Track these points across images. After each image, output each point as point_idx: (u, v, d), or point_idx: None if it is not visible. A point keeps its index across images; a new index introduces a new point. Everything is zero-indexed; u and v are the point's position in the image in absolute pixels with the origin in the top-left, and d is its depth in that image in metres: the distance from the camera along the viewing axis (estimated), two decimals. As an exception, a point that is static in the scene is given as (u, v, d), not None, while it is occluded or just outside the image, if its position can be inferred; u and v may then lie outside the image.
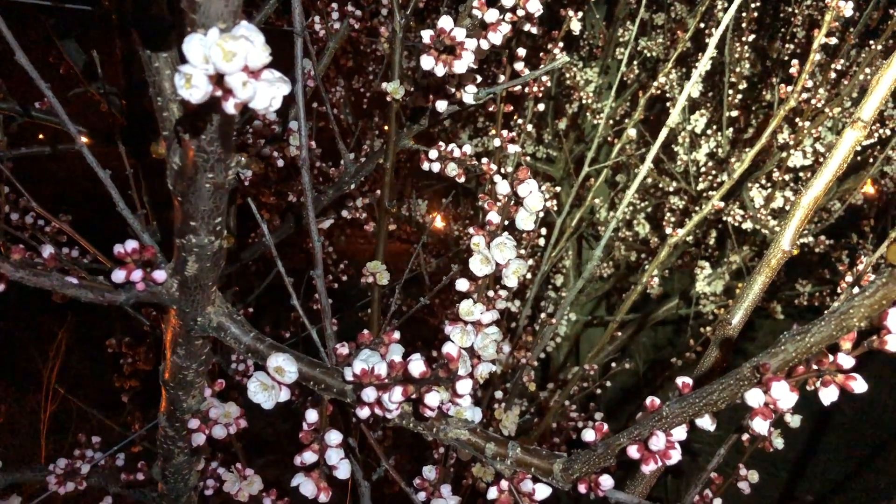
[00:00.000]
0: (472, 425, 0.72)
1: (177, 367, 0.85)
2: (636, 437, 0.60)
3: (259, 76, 0.49)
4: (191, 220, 0.65)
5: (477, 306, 0.83)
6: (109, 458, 1.32)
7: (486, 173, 1.14)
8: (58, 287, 0.67)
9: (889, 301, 0.46)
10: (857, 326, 0.47)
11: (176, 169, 0.62)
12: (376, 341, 0.81)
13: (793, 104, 1.66)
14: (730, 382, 0.54)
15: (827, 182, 0.86)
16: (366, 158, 1.19)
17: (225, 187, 0.63)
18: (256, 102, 0.49)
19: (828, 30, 1.62)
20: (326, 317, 1.00)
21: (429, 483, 0.91)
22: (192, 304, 0.75)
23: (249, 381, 0.74)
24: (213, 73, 0.47)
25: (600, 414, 2.44)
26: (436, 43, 0.81)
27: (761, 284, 0.90)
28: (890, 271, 0.45)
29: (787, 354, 0.51)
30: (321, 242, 0.93)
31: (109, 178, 0.81)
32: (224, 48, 0.47)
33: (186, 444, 1.00)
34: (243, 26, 0.48)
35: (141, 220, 0.85)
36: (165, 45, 0.60)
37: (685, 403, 0.57)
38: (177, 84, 0.48)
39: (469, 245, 0.83)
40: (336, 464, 0.75)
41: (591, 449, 0.64)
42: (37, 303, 5.19)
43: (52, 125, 1.38)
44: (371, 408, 0.71)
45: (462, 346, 0.81)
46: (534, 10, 0.83)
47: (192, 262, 0.69)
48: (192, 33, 0.47)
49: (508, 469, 0.70)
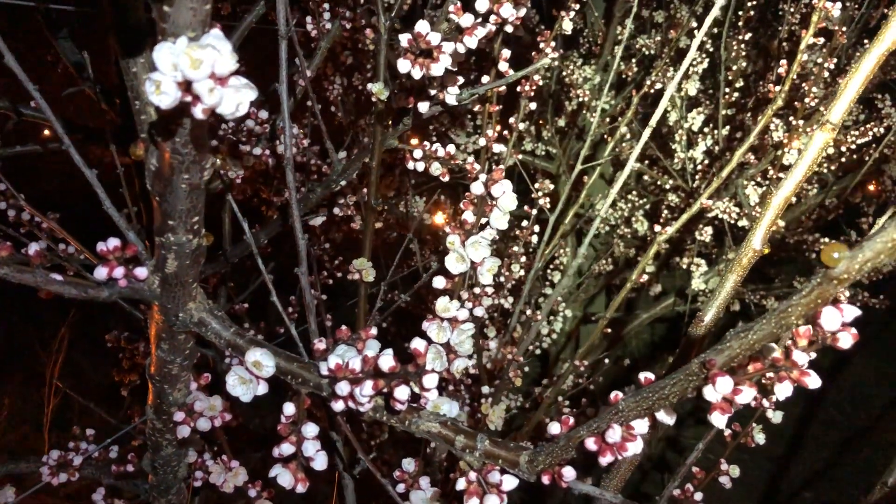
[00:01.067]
0: (443, 418, 0.75)
1: (162, 362, 0.88)
2: (594, 430, 0.62)
3: (226, 83, 0.51)
4: (169, 220, 0.67)
5: (453, 303, 0.85)
6: (103, 450, 1.35)
7: (471, 172, 1.17)
8: (41, 283, 0.70)
9: (824, 300, 0.48)
10: (796, 324, 0.49)
11: (153, 170, 0.65)
12: (354, 337, 0.83)
13: (780, 104, 1.68)
14: (680, 378, 0.56)
15: (797, 182, 0.88)
16: (354, 157, 1.21)
17: (201, 187, 0.65)
18: (223, 108, 0.51)
19: (815, 30, 1.63)
20: (311, 313, 1.02)
21: (408, 475, 0.93)
22: (174, 300, 0.77)
23: (228, 375, 0.76)
24: (181, 80, 0.50)
25: (591, 410, 2.47)
26: (412, 46, 0.83)
27: (733, 283, 0.92)
28: (824, 272, 0.47)
29: (732, 351, 0.53)
30: (307, 239, 0.95)
31: (96, 178, 0.84)
32: (192, 56, 0.50)
33: (173, 436, 1.02)
34: (211, 35, 0.51)
35: (126, 218, 0.88)
36: (141, 50, 0.62)
37: (640, 398, 0.59)
38: (147, 90, 0.50)
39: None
40: (313, 455, 0.77)
41: (555, 442, 0.67)
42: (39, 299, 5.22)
43: (48, 124, 1.40)
44: (345, 401, 0.73)
45: (439, 342, 0.83)
46: (507, 16, 0.85)
47: (171, 259, 0.72)
48: (163, 42, 0.50)
49: (477, 461, 0.72)
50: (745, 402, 0.58)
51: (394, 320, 3.26)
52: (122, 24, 0.61)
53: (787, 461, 4.53)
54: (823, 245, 0.46)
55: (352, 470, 1.16)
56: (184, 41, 0.50)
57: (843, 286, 0.47)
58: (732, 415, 0.63)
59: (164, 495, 1.15)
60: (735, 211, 3.07)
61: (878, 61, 0.83)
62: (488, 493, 0.71)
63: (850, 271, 0.46)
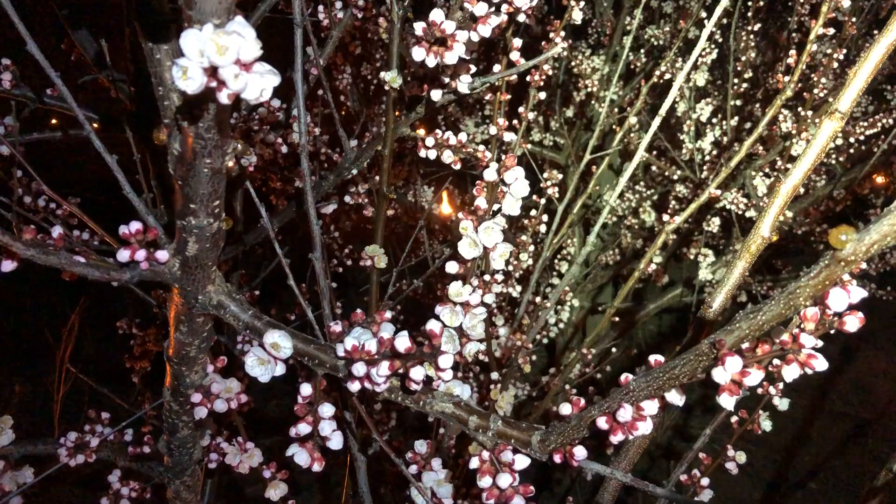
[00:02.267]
0: (456, 399, 0.76)
1: (180, 344, 0.90)
2: (606, 410, 0.64)
3: (250, 69, 0.52)
4: (191, 203, 0.69)
5: (465, 288, 0.87)
6: (118, 433, 1.38)
7: (482, 161, 1.18)
8: (66, 265, 0.72)
9: (832, 282, 0.49)
10: (804, 305, 0.51)
11: (176, 154, 0.66)
12: (368, 320, 0.85)
13: (789, 94, 1.68)
14: (690, 358, 0.57)
15: (805, 171, 0.89)
16: (366, 145, 1.23)
17: (222, 172, 0.67)
18: (248, 93, 0.52)
19: (825, 20, 1.64)
20: (325, 298, 1.04)
21: (420, 457, 0.95)
22: (193, 283, 0.79)
23: (247, 356, 0.78)
24: (207, 66, 0.51)
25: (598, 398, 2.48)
26: (427, 35, 0.84)
27: (741, 270, 0.93)
28: (832, 254, 0.48)
29: (742, 331, 0.54)
30: (320, 226, 0.97)
31: (116, 164, 0.86)
32: (218, 43, 0.51)
33: (190, 418, 1.04)
34: (236, 22, 0.52)
35: (146, 202, 0.90)
36: (166, 38, 0.64)
37: (650, 378, 0.60)
38: (174, 76, 0.52)
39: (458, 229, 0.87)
40: (329, 435, 0.79)
41: (566, 421, 0.68)
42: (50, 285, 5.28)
43: (63, 111, 1.42)
44: (361, 382, 0.75)
45: (451, 325, 0.85)
46: (521, 5, 0.86)
47: (192, 242, 0.74)
48: (189, 28, 0.51)
49: (490, 441, 0.74)
50: (754, 384, 0.59)
51: (403, 309, 3.28)
52: (146, 12, 0.62)
53: (794, 452, 4.55)
54: (832, 229, 0.47)
55: (364, 452, 1.18)
56: (210, 28, 0.51)
57: (850, 268, 0.48)
58: (740, 401, 0.64)
59: (179, 476, 1.18)
60: (743, 202, 3.07)
61: (888, 51, 0.84)
62: (501, 471, 0.72)
63: (857, 253, 0.47)
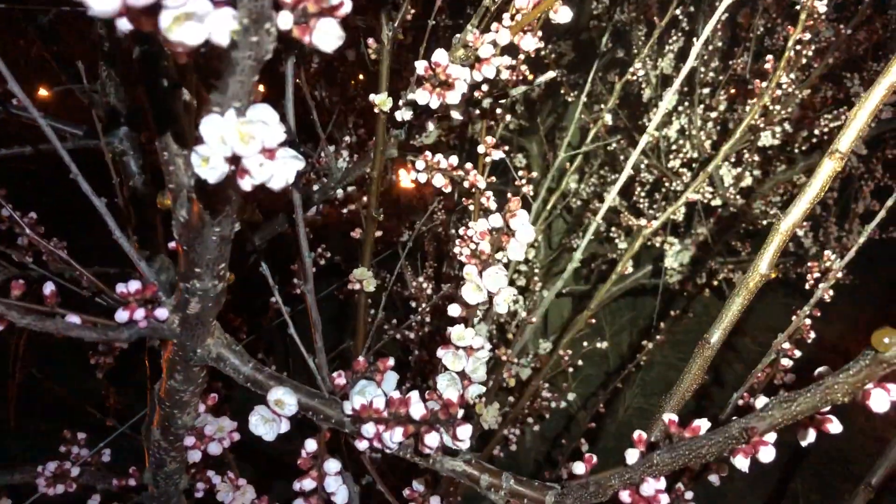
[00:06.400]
0: (467, 457, 0.75)
1: (174, 390, 0.87)
2: (628, 482, 0.63)
3: (274, 156, 0.50)
4: (195, 268, 0.66)
5: (468, 331, 0.86)
6: (96, 454, 1.34)
7: (472, 183, 1.16)
8: (63, 330, 0.68)
9: (871, 380, 0.49)
10: (841, 401, 0.51)
11: (182, 221, 0.63)
12: (371, 369, 0.83)
13: (767, 101, 1.69)
14: (719, 440, 0.57)
15: (805, 210, 0.89)
16: (352, 165, 1.20)
17: (230, 238, 0.64)
18: (273, 183, 0.50)
19: (803, 27, 1.64)
20: (317, 331, 1.02)
21: (419, 494, 0.94)
22: (193, 338, 0.76)
23: (251, 415, 0.76)
24: (229, 155, 0.48)
25: (573, 394, 2.51)
26: (430, 77, 0.82)
27: (740, 306, 0.93)
28: (873, 355, 0.48)
29: (774, 420, 0.54)
30: (312, 258, 0.95)
31: (105, 207, 0.82)
32: (241, 131, 0.48)
33: (178, 454, 1.02)
34: (259, 107, 0.49)
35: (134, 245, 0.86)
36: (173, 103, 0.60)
37: (675, 454, 0.60)
38: (193, 162, 0.49)
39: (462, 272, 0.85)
40: (335, 490, 0.78)
41: (584, 485, 0.68)
42: None
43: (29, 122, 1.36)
44: (370, 442, 0.73)
45: (454, 369, 0.84)
46: (528, 48, 0.84)
47: (194, 302, 0.71)
48: (210, 114, 0.48)
49: (502, 499, 0.73)
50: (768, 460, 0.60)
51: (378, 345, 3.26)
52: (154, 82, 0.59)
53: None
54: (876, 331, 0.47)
55: (357, 481, 1.17)
56: (232, 115, 0.49)
57: (890, 370, 0.48)
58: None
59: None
60: (709, 190, 3.10)
61: (888, 93, 0.84)
62: (514, 531, 0.72)
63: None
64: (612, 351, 4.92)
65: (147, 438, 1.47)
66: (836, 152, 0.86)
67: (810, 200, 0.89)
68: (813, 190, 0.88)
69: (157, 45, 0.57)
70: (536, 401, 2.34)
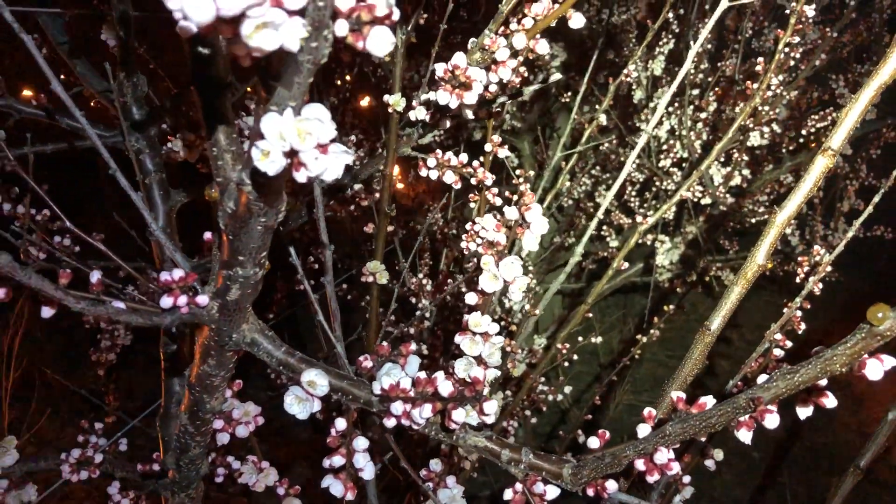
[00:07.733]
0: (489, 433, 0.81)
1: (205, 375, 0.91)
2: (642, 451, 0.69)
3: (327, 150, 0.55)
4: (239, 255, 0.71)
5: (485, 318, 0.91)
6: (113, 444, 1.38)
7: (481, 179, 1.21)
8: (112, 314, 0.73)
9: (867, 352, 0.55)
10: (839, 371, 0.56)
11: (229, 212, 0.68)
12: (395, 353, 0.88)
13: (758, 102, 1.75)
14: (727, 410, 0.62)
15: (799, 204, 0.96)
16: (367, 162, 1.25)
17: (274, 227, 0.69)
18: (327, 175, 0.55)
19: (793, 31, 1.71)
20: (336, 320, 1.07)
21: (435, 474, 0.99)
22: (230, 324, 0.81)
23: (286, 395, 0.81)
24: (288, 150, 0.53)
25: (569, 388, 2.57)
26: (450, 78, 0.87)
27: (738, 294, 0.99)
28: (869, 328, 0.54)
29: (778, 389, 0.59)
30: (332, 250, 1.00)
31: (141, 200, 0.87)
32: (299, 128, 0.53)
33: (203, 438, 1.06)
34: (313, 106, 0.54)
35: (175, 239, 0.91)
36: (223, 104, 0.65)
37: (686, 425, 0.66)
38: (253, 156, 0.54)
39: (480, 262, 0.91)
40: (363, 466, 0.83)
41: (600, 457, 0.73)
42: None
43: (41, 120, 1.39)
44: (399, 419, 0.78)
45: (471, 354, 0.89)
46: (543, 52, 0.90)
47: (235, 289, 0.76)
48: (269, 112, 0.53)
49: (521, 472, 0.78)
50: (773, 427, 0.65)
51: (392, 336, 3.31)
52: (206, 77, 0.64)
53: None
54: (871, 306, 0.53)
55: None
56: (290, 113, 0.53)
57: (885, 341, 0.54)
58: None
59: (185, 490, 1.20)
60: (699, 189, 3.17)
61: (877, 93, 0.91)
62: (532, 502, 0.77)
63: (892, 328, 0.53)
64: (603, 347, 4.98)
65: (163, 428, 1.52)
66: (829, 150, 0.93)
67: (804, 195, 0.96)
68: (807, 185, 0.95)
69: (214, 48, 0.61)
70: (532, 394, 2.40)
